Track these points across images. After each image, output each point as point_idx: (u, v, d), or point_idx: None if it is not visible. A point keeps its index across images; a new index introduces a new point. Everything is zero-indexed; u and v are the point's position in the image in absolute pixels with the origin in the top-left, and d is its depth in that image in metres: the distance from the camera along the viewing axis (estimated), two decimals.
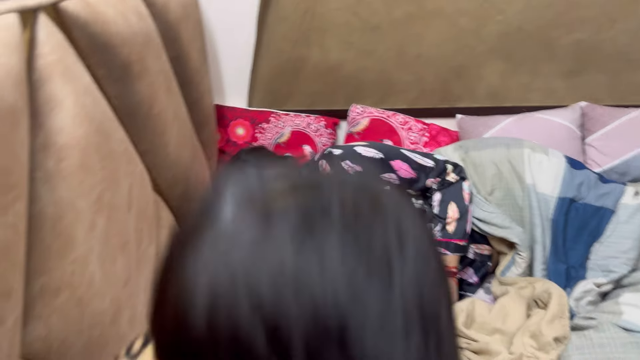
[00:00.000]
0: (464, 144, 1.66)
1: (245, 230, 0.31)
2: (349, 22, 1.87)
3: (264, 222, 0.32)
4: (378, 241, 0.32)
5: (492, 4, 1.79)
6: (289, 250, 0.30)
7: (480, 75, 1.90)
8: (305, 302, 0.30)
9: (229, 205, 0.33)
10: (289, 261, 0.30)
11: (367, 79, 1.97)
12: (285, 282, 0.30)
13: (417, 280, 0.32)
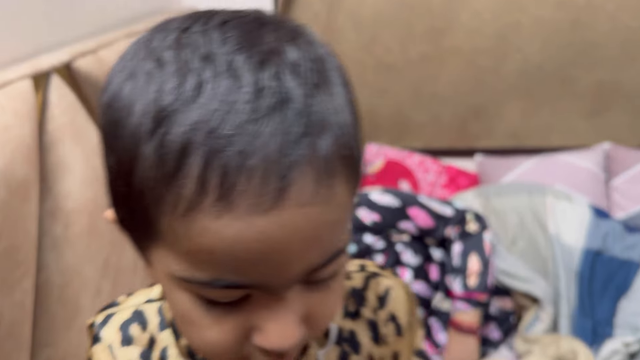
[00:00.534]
0: (485, 190, 1.61)
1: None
2: (363, 60, 1.84)
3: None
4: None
5: (510, 42, 1.76)
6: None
7: (500, 115, 1.86)
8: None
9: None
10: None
11: (382, 117, 1.93)
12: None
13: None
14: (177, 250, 0.34)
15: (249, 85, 0.31)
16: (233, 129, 0.31)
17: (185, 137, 0.31)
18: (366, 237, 1.47)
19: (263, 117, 0.31)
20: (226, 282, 0.34)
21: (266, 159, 0.31)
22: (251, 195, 0.31)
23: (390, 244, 1.48)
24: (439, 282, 1.47)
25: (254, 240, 0.32)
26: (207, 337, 0.37)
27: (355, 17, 1.78)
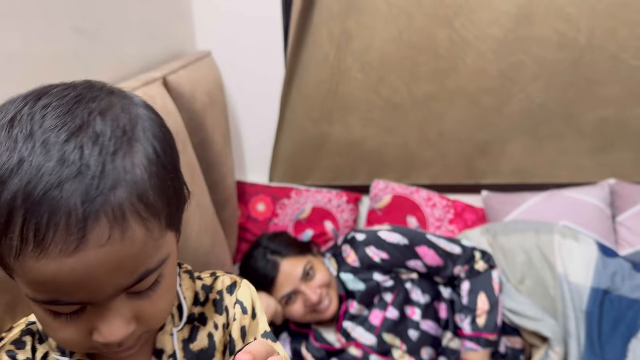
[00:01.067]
0: (492, 227, 1.62)
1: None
2: (371, 100, 1.88)
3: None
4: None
5: (514, 82, 1.79)
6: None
7: (505, 152, 1.89)
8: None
9: None
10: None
11: (388, 155, 1.96)
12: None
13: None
14: (22, 280, 0.45)
15: (55, 158, 0.42)
16: (42, 194, 0.41)
17: (9, 203, 0.41)
18: (375, 275, 1.49)
19: (64, 183, 0.41)
20: (59, 301, 0.45)
21: (67, 215, 0.41)
22: (59, 242, 0.41)
23: (399, 282, 1.49)
24: (448, 320, 1.48)
25: (67, 275, 0.43)
26: (60, 336, 0.49)
27: (363, 58, 1.82)
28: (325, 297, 1.46)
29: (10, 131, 0.43)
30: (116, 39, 1.24)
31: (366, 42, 1.81)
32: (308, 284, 1.44)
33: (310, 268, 1.46)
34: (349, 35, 1.81)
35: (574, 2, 1.68)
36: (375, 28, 1.79)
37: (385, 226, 1.55)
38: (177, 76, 1.37)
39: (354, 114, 1.91)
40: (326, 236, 1.97)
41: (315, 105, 1.91)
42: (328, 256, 1.60)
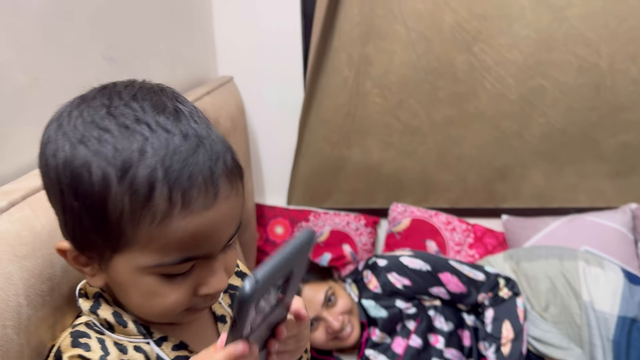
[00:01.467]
0: (514, 253, 1.61)
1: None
2: (389, 124, 1.88)
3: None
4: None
5: (534, 107, 1.79)
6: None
7: (525, 176, 1.88)
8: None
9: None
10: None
11: (407, 178, 1.96)
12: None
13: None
14: (150, 249, 0.50)
15: (178, 134, 0.50)
16: (180, 163, 0.48)
17: (149, 178, 0.48)
18: (398, 302, 1.47)
19: (194, 152, 0.49)
20: (189, 257, 0.52)
21: (204, 177, 0.49)
22: (201, 200, 0.49)
23: (422, 309, 1.48)
24: (472, 348, 1.46)
25: (206, 226, 0.50)
26: (169, 301, 0.54)
27: (382, 83, 1.83)
28: (347, 324, 1.44)
29: (115, 120, 0.49)
30: (143, 67, 1.25)
31: (385, 66, 1.82)
32: (330, 311, 1.43)
33: (332, 294, 1.45)
34: (368, 60, 1.82)
35: (594, 27, 1.68)
36: (394, 53, 1.80)
37: (406, 251, 1.54)
38: (203, 102, 1.38)
39: (372, 137, 1.91)
40: (344, 259, 1.97)
41: (334, 128, 1.91)
42: (349, 282, 1.59)
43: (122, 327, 0.59)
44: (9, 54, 0.77)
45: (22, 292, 0.59)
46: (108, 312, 0.59)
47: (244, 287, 0.42)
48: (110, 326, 0.59)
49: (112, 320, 0.59)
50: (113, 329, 0.59)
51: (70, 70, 0.95)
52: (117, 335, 0.59)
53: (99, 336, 0.58)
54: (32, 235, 0.63)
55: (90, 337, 0.58)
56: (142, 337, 0.59)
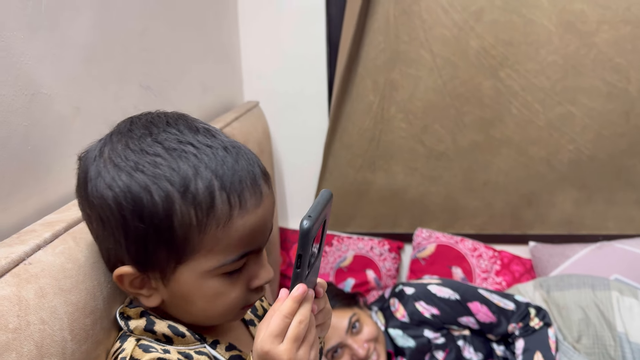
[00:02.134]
0: (545, 282, 1.58)
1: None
2: (415, 149, 1.88)
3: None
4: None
5: (562, 133, 1.77)
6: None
7: (553, 203, 1.86)
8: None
9: None
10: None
11: (432, 203, 1.95)
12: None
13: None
14: (214, 251, 0.57)
15: (219, 147, 0.57)
16: (230, 171, 0.56)
17: (209, 189, 0.55)
18: (426, 332, 1.45)
19: (237, 160, 0.57)
20: (246, 252, 0.59)
21: (250, 180, 0.57)
22: (252, 200, 0.57)
23: (451, 339, 1.46)
24: None
25: (258, 221, 0.58)
26: (231, 299, 0.60)
27: (407, 107, 1.83)
28: (372, 352, 1.42)
29: (161, 145, 0.56)
30: (176, 95, 1.26)
31: (410, 91, 1.82)
32: (355, 338, 1.41)
33: (356, 320, 1.43)
34: (393, 86, 1.82)
35: (622, 53, 1.67)
36: (419, 78, 1.80)
37: (434, 279, 1.52)
38: (232, 128, 1.38)
39: (397, 162, 1.91)
40: (368, 285, 1.95)
41: (358, 153, 1.91)
42: (375, 310, 1.57)
43: (180, 337, 0.62)
44: (55, 86, 0.78)
45: (66, 326, 0.59)
46: (164, 326, 0.62)
47: (303, 223, 0.51)
48: (167, 339, 0.62)
49: (169, 333, 0.62)
50: (171, 341, 0.62)
51: (110, 100, 0.96)
52: (176, 346, 0.62)
53: (164, 347, 0.61)
54: (76, 267, 0.63)
55: (157, 349, 0.60)
56: (199, 343, 0.63)
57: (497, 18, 1.72)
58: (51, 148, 0.78)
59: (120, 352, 0.61)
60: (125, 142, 0.57)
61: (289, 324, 0.53)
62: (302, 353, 0.53)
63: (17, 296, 0.54)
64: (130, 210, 0.55)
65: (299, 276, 0.54)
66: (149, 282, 0.60)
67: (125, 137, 0.57)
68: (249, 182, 0.57)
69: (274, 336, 0.53)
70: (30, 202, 0.73)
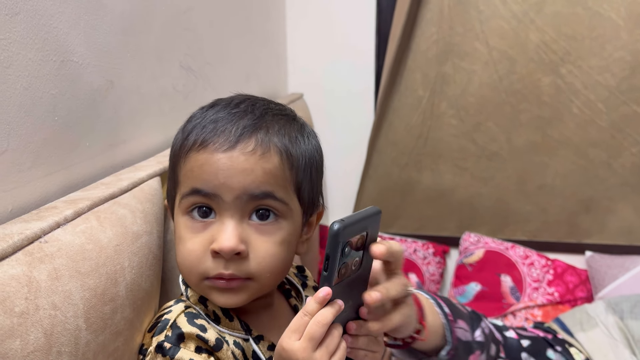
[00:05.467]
0: (617, 304, 1.40)
1: None
2: (465, 147, 1.77)
3: None
4: None
5: (625, 135, 1.64)
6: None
7: (613, 210, 1.73)
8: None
9: None
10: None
11: (482, 206, 1.84)
12: None
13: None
14: (181, 183, 0.61)
15: (244, 102, 0.64)
16: (215, 116, 0.61)
17: (191, 126, 0.62)
18: None
19: (241, 117, 0.61)
20: (197, 188, 0.59)
21: (232, 131, 0.59)
22: (217, 143, 0.59)
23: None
24: None
25: (214, 163, 0.58)
26: (189, 247, 0.60)
27: (459, 103, 1.73)
28: None
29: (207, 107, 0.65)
30: (218, 79, 1.21)
31: (463, 86, 1.72)
32: None
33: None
34: (444, 80, 1.73)
35: None
36: (473, 72, 1.70)
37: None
38: None
39: (445, 161, 1.81)
40: None
41: (404, 150, 1.82)
42: None
43: (228, 320, 0.62)
44: (87, 56, 0.73)
45: (82, 313, 0.52)
46: (216, 305, 0.62)
47: (332, 225, 0.50)
48: (216, 318, 0.61)
49: (219, 312, 0.62)
50: (219, 321, 0.62)
51: (147, 77, 0.91)
52: (221, 327, 0.61)
53: (207, 323, 0.61)
54: (97, 249, 0.57)
55: (198, 324, 0.59)
56: (243, 333, 0.62)
57: (560, 10, 1.60)
58: (80, 122, 0.72)
59: (167, 312, 0.61)
60: (223, 101, 0.65)
61: (307, 322, 0.52)
62: (318, 356, 0.52)
63: (28, 276, 0.48)
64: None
65: (326, 279, 0.53)
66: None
67: (226, 99, 0.66)
68: (229, 131, 0.59)
69: (291, 331, 0.53)
70: (54, 178, 0.67)
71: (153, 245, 0.69)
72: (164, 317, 0.60)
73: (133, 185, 0.73)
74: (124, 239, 0.62)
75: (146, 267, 0.66)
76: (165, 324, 0.59)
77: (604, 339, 1.29)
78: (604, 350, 1.26)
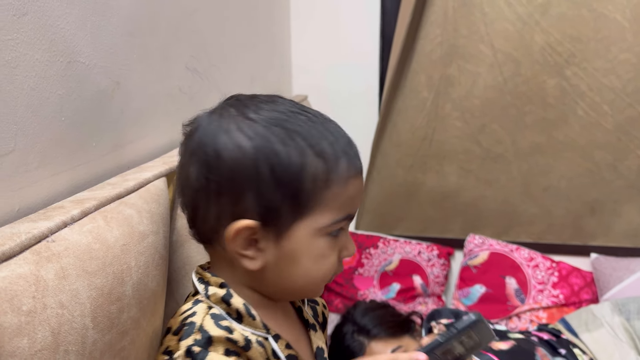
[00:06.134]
0: (624, 306, 1.40)
1: None
2: (470, 149, 1.77)
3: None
4: None
5: (632, 137, 1.64)
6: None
7: (618, 212, 1.72)
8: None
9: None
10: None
11: (486, 208, 1.83)
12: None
13: None
14: (329, 207, 0.60)
15: (324, 117, 0.63)
16: (345, 138, 0.62)
17: (334, 148, 0.59)
18: None
19: (349, 137, 0.63)
20: (349, 214, 0.62)
21: (357, 153, 0.63)
22: (360, 166, 0.62)
23: None
24: None
25: (361, 186, 0.62)
26: (329, 263, 0.62)
27: (464, 105, 1.73)
28: None
29: (287, 110, 0.61)
30: (224, 81, 1.21)
31: (468, 88, 1.71)
32: None
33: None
34: (449, 82, 1.72)
35: None
36: (478, 74, 1.70)
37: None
38: None
39: (450, 163, 1.81)
40: (414, 291, 1.85)
41: (408, 152, 1.82)
42: None
43: (250, 318, 0.61)
44: (94, 56, 0.73)
45: (88, 312, 0.53)
46: (240, 302, 0.61)
47: (477, 314, 0.59)
48: (238, 316, 0.61)
49: (243, 310, 0.61)
50: (241, 319, 0.61)
51: (153, 78, 0.91)
52: (243, 326, 0.61)
53: (231, 324, 0.60)
54: (104, 249, 0.57)
55: (222, 325, 0.59)
56: (264, 331, 0.62)
57: (565, 12, 1.60)
58: (87, 122, 0.72)
59: (191, 315, 0.60)
60: (254, 103, 0.61)
61: None
62: None
63: (35, 275, 0.48)
64: (265, 161, 0.57)
65: (431, 347, 0.58)
66: (258, 242, 0.60)
67: (250, 100, 0.62)
68: (355, 150, 0.62)
69: None
70: (61, 178, 0.68)
71: (159, 245, 0.69)
72: (189, 320, 0.59)
73: (139, 186, 0.73)
74: (130, 238, 0.62)
75: (152, 267, 0.66)
76: (192, 327, 0.58)
77: (609, 340, 1.29)
78: (609, 351, 1.26)
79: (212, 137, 0.59)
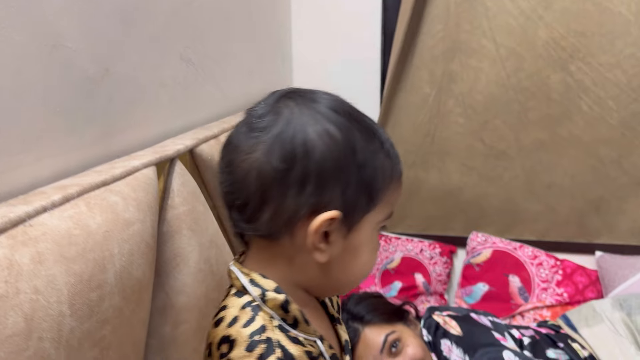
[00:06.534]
0: (625, 301, 1.38)
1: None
2: (473, 146, 1.75)
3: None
4: None
5: (636, 133, 1.61)
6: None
7: (623, 210, 1.69)
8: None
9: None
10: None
11: (490, 206, 1.81)
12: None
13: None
14: (386, 203, 0.62)
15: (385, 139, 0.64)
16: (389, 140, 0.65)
17: (392, 148, 0.64)
18: None
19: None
20: (392, 211, 0.64)
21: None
22: (401, 174, 0.65)
23: None
24: None
25: (401, 188, 0.65)
26: (376, 256, 0.65)
27: (466, 101, 1.70)
28: None
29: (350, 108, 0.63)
30: (221, 74, 1.19)
31: (470, 84, 1.69)
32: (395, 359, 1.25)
33: (395, 339, 1.23)
34: (451, 77, 1.70)
35: None
36: (481, 70, 1.67)
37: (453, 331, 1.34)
38: None
39: (452, 160, 1.78)
40: (416, 290, 1.83)
41: (410, 149, 1.80)
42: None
43: (306, 324, 0.61)
44: (81, 41, 0.72)
45: (66, 299, 0.51)
46: (296, 310, 0.60)
47: None
48: (294, 322, 0.60)
49: (299, 316, 0.60)
50: (296, 325, 0.60)
51: (145, 67, 0.89)
52: (297, 331, 0.60)
53: (290, 332, 0.60)
54: (84, 234, 0.56)
55: (286, 336, 0.58)
56: (315, 335, 0.62)
57: (569, 6, 1.58)
58: (73, 108, 0.71)
59: (261, 329, 0.57)
60: (319, 96, 0.62)
61: None
62: None
63: (9, 259, 0.47)
64: (352, 153, 0.58)
65: None
66: (329, 235, 0.59)
67: (313, 94, 0.63)
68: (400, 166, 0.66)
69: None
70: (45, 164, 0.66)
71: (146, 233, 0.67)
72: (265, 337, 0.57)
73: (127, 174, 0.71)
74: (114, 225, 0.60)
75: (138, 256, 0.64)
76: (270, 344, 0.56)
77: (609, 335, 1.27)
78: (609, 346, 1.24)
79: (300, 126, 0.57)
